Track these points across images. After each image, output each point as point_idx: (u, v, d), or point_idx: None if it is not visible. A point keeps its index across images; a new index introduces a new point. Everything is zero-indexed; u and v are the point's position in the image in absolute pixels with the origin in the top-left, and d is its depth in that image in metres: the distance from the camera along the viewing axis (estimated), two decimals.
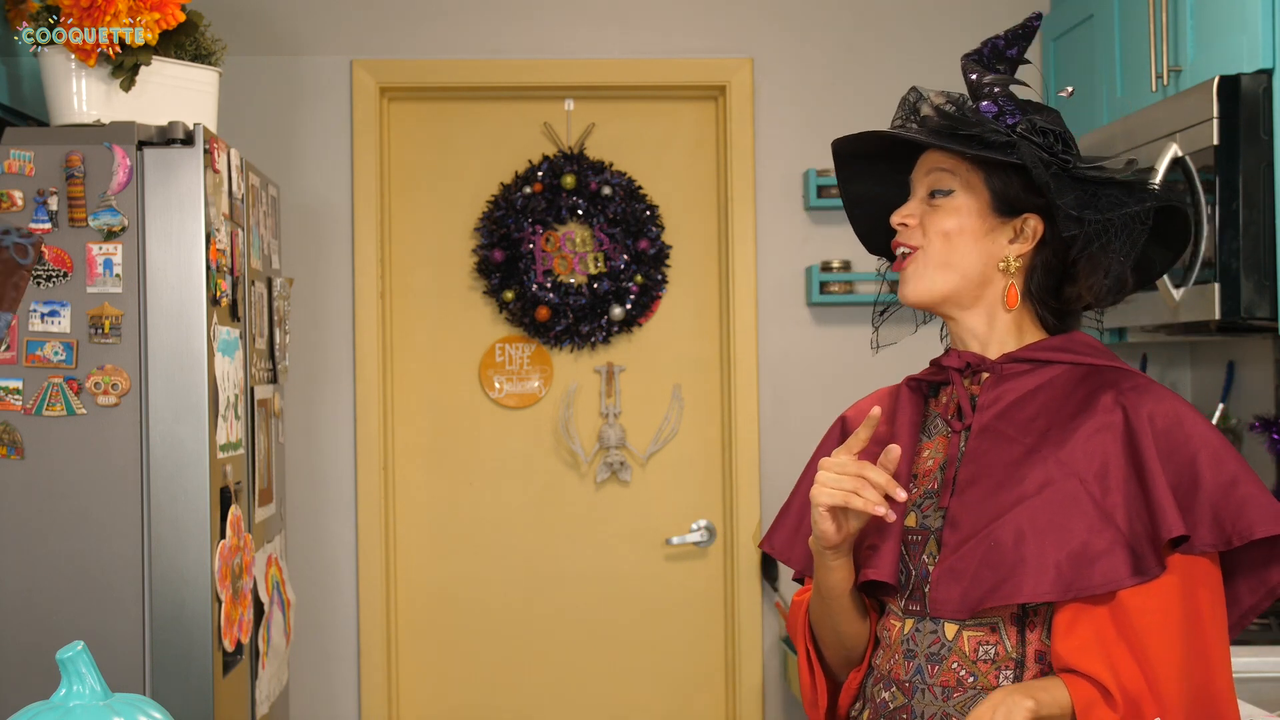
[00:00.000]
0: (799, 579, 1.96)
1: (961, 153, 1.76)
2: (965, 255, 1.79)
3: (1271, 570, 1.71)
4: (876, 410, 1.72)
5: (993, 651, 1.71)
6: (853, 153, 1.91)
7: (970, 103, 1.80)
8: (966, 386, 1.82)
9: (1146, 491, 1.67)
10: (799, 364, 4.04)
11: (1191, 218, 1.84)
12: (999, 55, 1.88)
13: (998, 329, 1.82)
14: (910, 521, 1.79)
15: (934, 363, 1.88)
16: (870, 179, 1.92)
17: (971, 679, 1.71)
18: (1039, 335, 1.83)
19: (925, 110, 1.81)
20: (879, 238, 1.94)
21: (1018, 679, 1.69)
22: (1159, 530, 1.65)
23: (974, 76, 1.84)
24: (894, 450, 1.69)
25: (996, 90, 1.79)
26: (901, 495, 1.67)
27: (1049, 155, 1.73)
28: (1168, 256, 1.84)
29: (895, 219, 1.83)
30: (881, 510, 1.66)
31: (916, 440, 1.84)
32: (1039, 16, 1.93)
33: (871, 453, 1.82)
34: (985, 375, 1.81)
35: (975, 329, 1.83)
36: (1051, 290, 1.81)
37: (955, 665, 1.72)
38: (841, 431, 1.94)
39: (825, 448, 1.94)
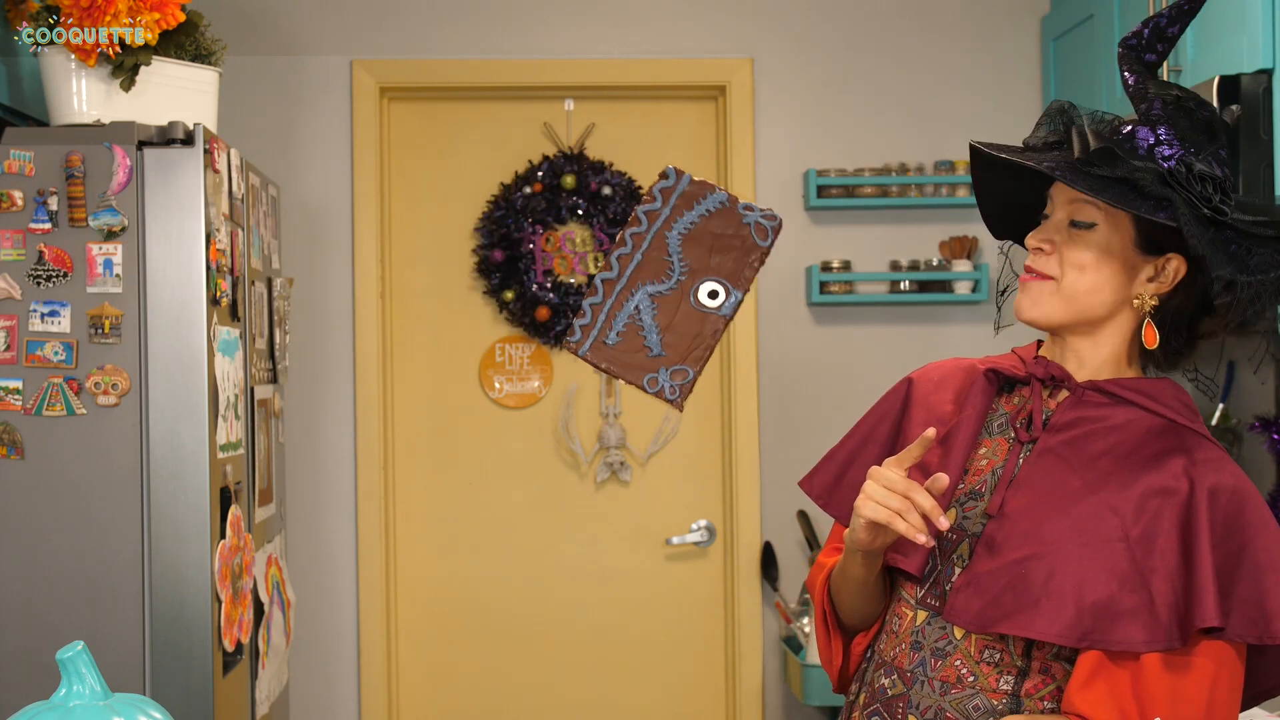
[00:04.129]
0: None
1: (1111, 204, 1.67)
2: (1098, 292, 1.73)
3: None
4: (931, 432, 1.68)
5: (997, 657, 1.72)
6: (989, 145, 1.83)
7: (1123, 125, 1.71)
8: (1044, 399, 1.79)
9: (1190, 571, 1.63)
10: (799, 364, 4.04)
11: None
12: (1160, 35, 1.76)
13: (1100, 354, 1.78)
14: (950, 518, 1.77)
15: (1017, 353, 1.85)
16: (1000, 170, 1.84)
17: (972, 678, 1.72)
18: (1135, 371, 1.79)
19: (1076, 137, 1.71)
20: (1005, 225, 1.89)
21: (1018, 685, 1.70)
22: (1193, 614, 1.62)
23: (1131, 80, 1.74)
24: (942, 480, 1.66)
25: (1157, 111, 1.70)
26: (944, 524, 1.65)
27: (1205, 208, 1.65)
28: None
29: (1032, 241, 1.76)
30: (923, 539, 1.65)
31: (978, 434, 1.81)
32: None
33: (930, 425, 1.81)
34: (1065, 394, 1.78)
35: (1080, 350, 1.79)
36: (1185, 324, 1.76)
37: (958, 663, 1.73)
38: (905, 394, 1.91)
39: (885, 405, 1.92)
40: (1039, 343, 1.86)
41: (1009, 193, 1.86)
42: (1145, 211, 1.64)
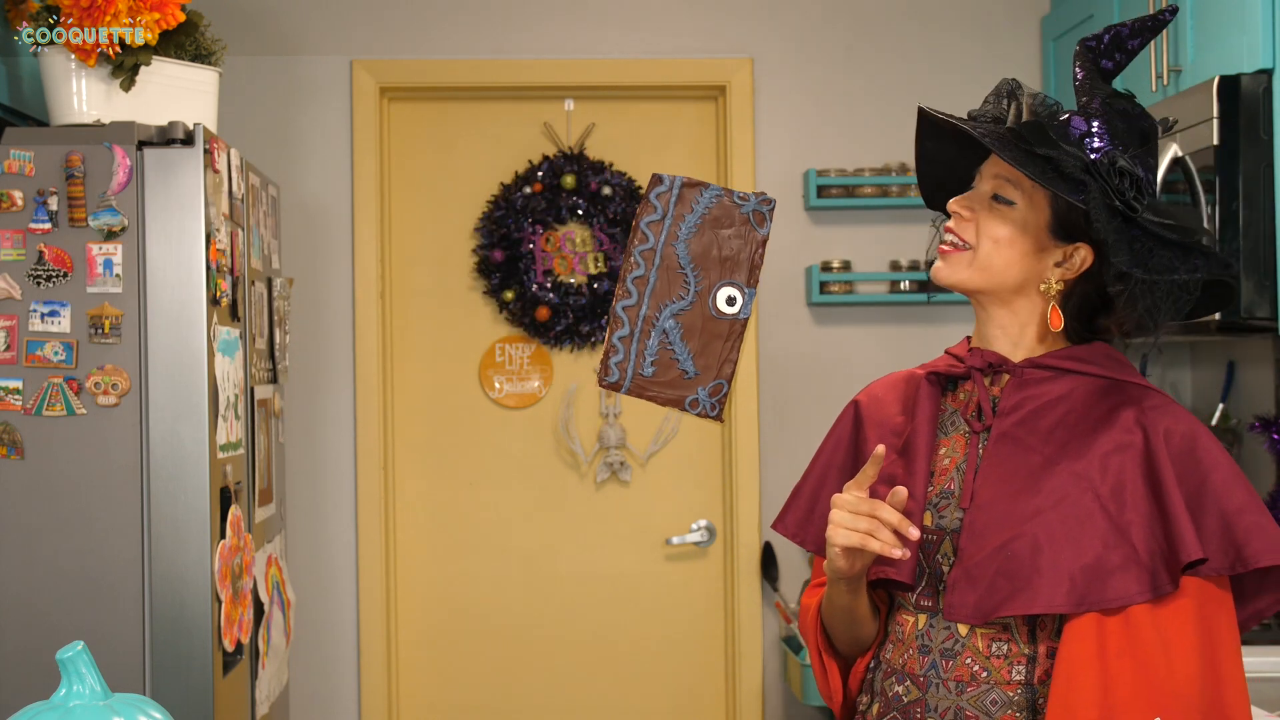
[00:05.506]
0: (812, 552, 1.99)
1: (1031, 177, 1.74)
2: (1008, 267, 1.80)
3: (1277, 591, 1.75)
4: (880, 449, 1.73)
5: (1005, 648, 1.75)
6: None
7: (1062, 113, 1.77)
8: (987, 386, 1.84)
9: (1164, 513, 1.69)
10: (799, 364, 4.04)
11: (1238, 291, 1.81)
12: (1119, 44, 1.81)
13: (1028, 334, 1.83)
14: (927, 521, 1.81)
15: (952, 354, 1.89)
16: (945, 140, 1.90)
17: (985, 674, 1.75)
18: (1063, 343, 1.84)
19: (1013, 110, 1.78)
20: (942, 198, 1.94)
21: (1030, 674, 1.74)
22: (1176, 553, 1.68)
23: (1080, 75, 1.80)
24: (901, 493, 1.71)
25: (1095, 106, 1.76)
26: (915, 534, 1.69)
27: (1119, 201, 1.71)
28: (1207, 304, 1.81)
29: (953, 205, 1.83)
30: (899, 553, 1.69)
31: (934, 436, 1.85)
32: (1174, 10, 1.86)
33: (891, 444, 1.85)
34: (1006, 377, 1.83)
35: (1006, 325, 1.84)
36: (1084, 317, 1.82)
37: (969, 661, 1.76)
38: (855, 416, 1.95)
39: (838, 431, 1.96)
40: (968, 338, 1.90)
41: (953, 162, 1.91)
42: (1060, 190, 1.71)
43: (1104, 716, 1.64)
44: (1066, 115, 1.77)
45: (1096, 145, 1.74)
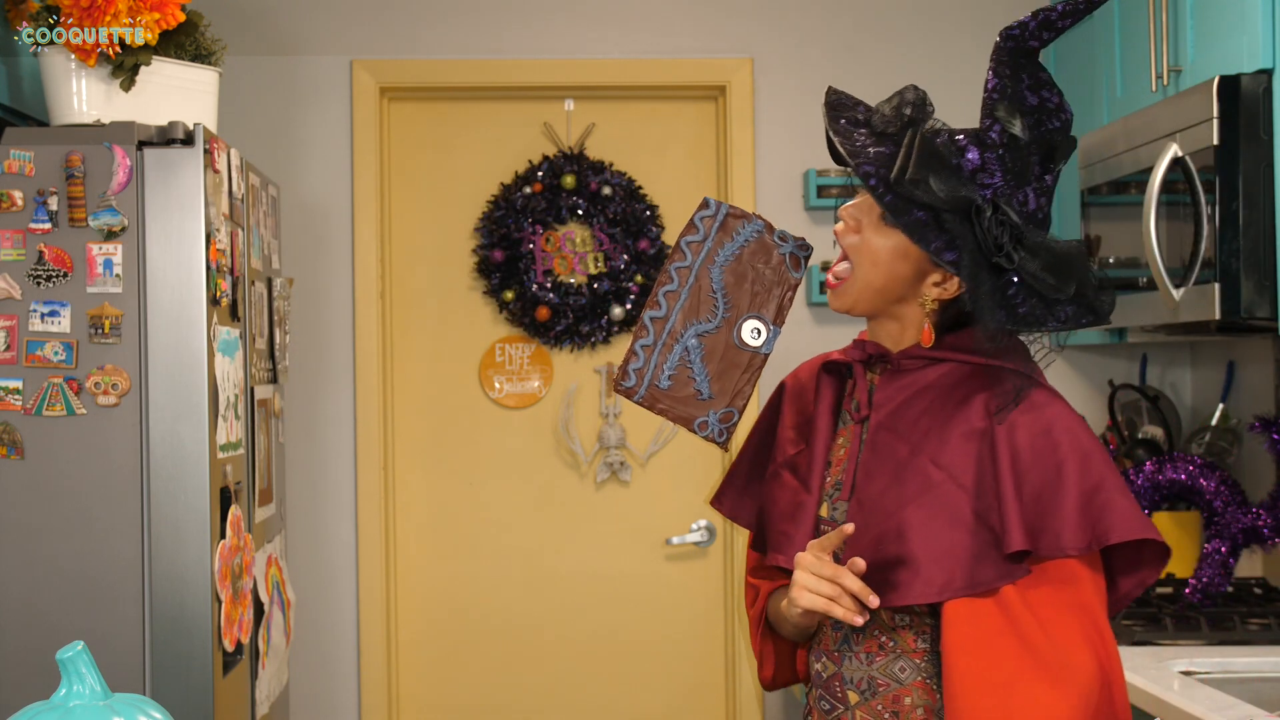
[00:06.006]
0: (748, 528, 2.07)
1: (906, 233, 1.76)
2: (888, 286, 1.84)
3: (1143, 566, 1.80)
4: (849, 527, 1.76)
5: (908, 620, 1.81)
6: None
7: (960, 137, 1.77)
8: (868, 379, 1.90)
9: (1000, 501, 1.74)
10: (799, 364, 4.03)
11: (1105, 322, 1.86)
12: (1049, 25, 1.79)
13: (909, 333, 1.88)
14: (823, 512, 1.88)
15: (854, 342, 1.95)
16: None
17: (892, 644, 1.82)
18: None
19: (907, 141, 1.77)
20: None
21: (935, 640, 1.79)
22: (1003, 541, 1.72)
23: (991, 83, 1.79)
24: (859, 564, 1.74)
25: (993, 137, 1.76)
26: (875, 601, 1.73)
27: (997, 255, 1.73)
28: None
29: (843, 212, 1.88)
30: (860, 621, 1.74)
31: (832, 426, 1.92)
32: None
33: (802, 431, 1.93)
34: (887, 366, 1.88)
35: (891, 330, 1.89)
36: (959, 326, 1.87)
37: (876, 632, 1.83)
38: (779, 398, 2.03)
39: (766, 413, 2.05)
40: (859, 336, 1.97)
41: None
42: (934, 250, 1.74)
43: (997, 692, 1.68)
44: (964, 139, 1.77)
45: (986, 182, 1.75)
